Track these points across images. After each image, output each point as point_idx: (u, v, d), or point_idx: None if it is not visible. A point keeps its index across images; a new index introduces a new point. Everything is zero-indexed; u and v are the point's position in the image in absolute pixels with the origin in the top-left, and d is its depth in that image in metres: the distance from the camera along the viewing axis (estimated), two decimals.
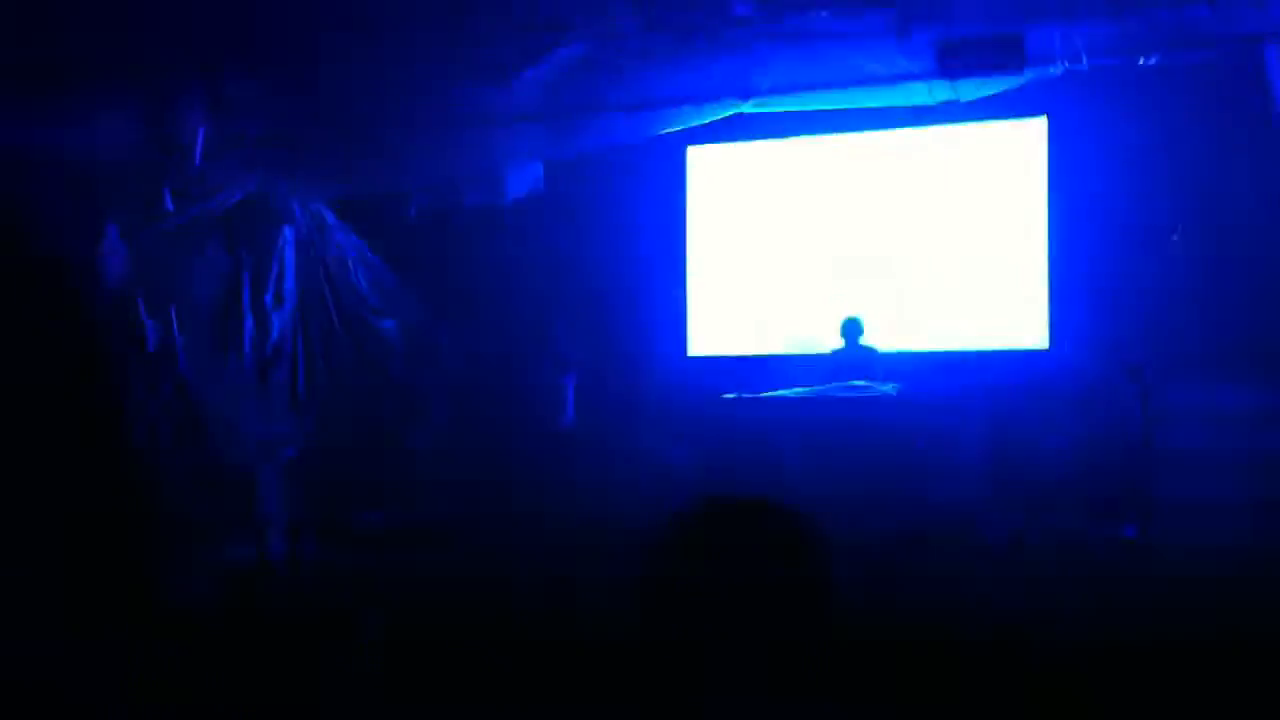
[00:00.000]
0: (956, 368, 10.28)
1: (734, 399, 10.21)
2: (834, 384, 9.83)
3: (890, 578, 6.75)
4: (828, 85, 9.47)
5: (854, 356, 10.41)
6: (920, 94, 9.20)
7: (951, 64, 8.51)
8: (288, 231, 11.44)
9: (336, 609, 6.33)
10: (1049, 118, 10.55)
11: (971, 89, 8.94)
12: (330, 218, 11.48)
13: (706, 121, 9.88)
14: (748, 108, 9.60)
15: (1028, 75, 8.65)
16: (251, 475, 10.77)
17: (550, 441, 11.24)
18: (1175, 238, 9.71)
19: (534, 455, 11.12)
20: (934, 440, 9.07)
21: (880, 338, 10.74)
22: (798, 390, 9.97)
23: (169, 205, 10.56)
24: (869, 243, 11.17)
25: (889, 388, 9.75)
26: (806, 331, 11.20)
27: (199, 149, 9.91)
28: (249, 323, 11.22)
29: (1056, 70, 8.71)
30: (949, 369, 10.26)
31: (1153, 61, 8.59)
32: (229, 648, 5.17)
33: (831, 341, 10.73)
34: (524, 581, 7.13)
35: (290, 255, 11.41)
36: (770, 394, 10.11)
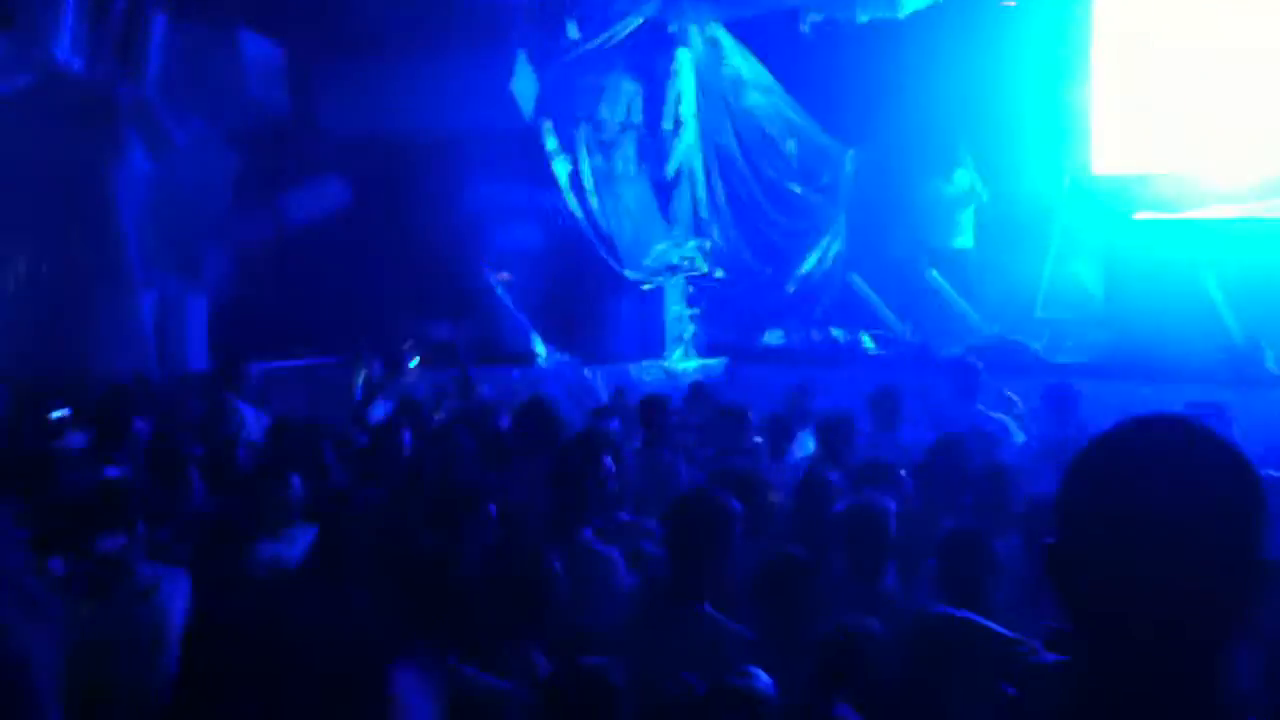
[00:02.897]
0: None
1: (1148, 221, 9.73)
2: (1273, 201, 9.15)
3: None
4: None
5: None
6: None
7: None
8: (683, 56, 11.64)
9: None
10: None
11: None
12: (726, 40, 11.56)
13: None
14: None
15: None
16: (657, 296, 11.36)
17: (949, 261, 11.18)
18: None
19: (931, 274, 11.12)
20: None
21: None
22: (1225, 214, 9.36)
23: (573, 34, 11.02)
24: None
25: None
26: (1234, 148, 10.35)
27: None
28: (650, 146, 11.63)
29: None
30: None
31: None
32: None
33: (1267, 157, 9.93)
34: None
35: (688, 79, 11.64)
36: (1190, 214, 9.55)
